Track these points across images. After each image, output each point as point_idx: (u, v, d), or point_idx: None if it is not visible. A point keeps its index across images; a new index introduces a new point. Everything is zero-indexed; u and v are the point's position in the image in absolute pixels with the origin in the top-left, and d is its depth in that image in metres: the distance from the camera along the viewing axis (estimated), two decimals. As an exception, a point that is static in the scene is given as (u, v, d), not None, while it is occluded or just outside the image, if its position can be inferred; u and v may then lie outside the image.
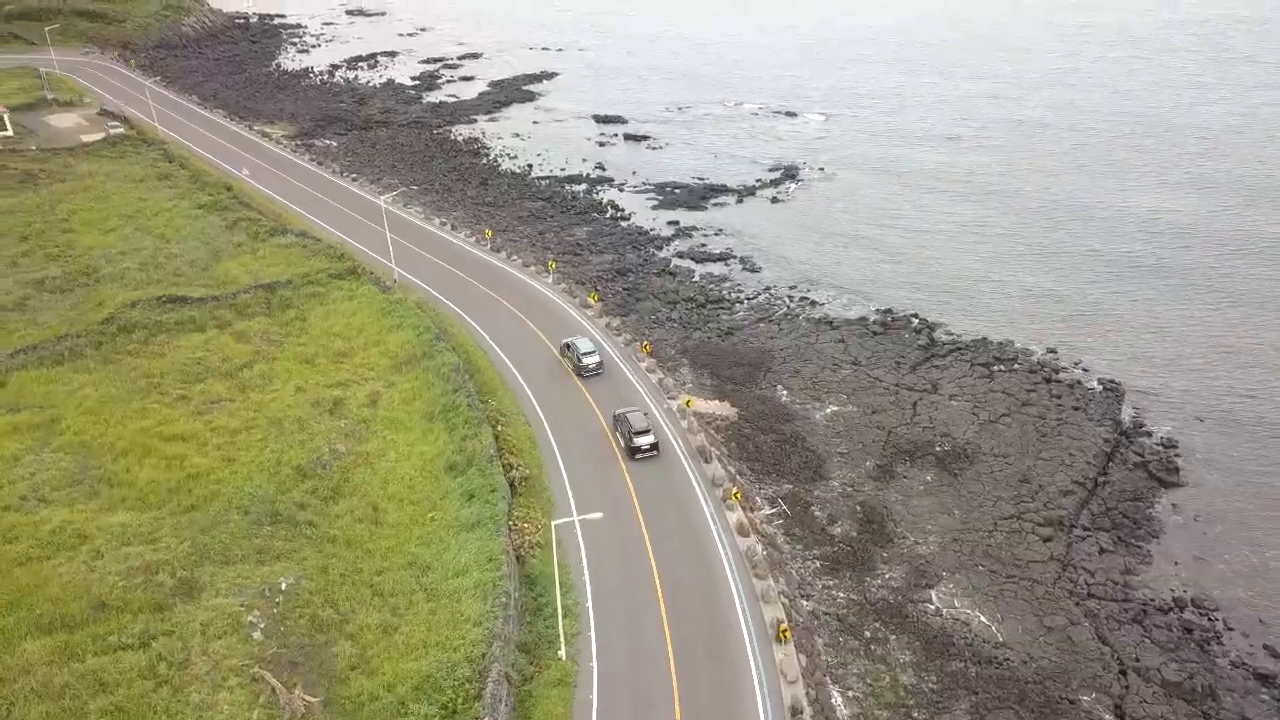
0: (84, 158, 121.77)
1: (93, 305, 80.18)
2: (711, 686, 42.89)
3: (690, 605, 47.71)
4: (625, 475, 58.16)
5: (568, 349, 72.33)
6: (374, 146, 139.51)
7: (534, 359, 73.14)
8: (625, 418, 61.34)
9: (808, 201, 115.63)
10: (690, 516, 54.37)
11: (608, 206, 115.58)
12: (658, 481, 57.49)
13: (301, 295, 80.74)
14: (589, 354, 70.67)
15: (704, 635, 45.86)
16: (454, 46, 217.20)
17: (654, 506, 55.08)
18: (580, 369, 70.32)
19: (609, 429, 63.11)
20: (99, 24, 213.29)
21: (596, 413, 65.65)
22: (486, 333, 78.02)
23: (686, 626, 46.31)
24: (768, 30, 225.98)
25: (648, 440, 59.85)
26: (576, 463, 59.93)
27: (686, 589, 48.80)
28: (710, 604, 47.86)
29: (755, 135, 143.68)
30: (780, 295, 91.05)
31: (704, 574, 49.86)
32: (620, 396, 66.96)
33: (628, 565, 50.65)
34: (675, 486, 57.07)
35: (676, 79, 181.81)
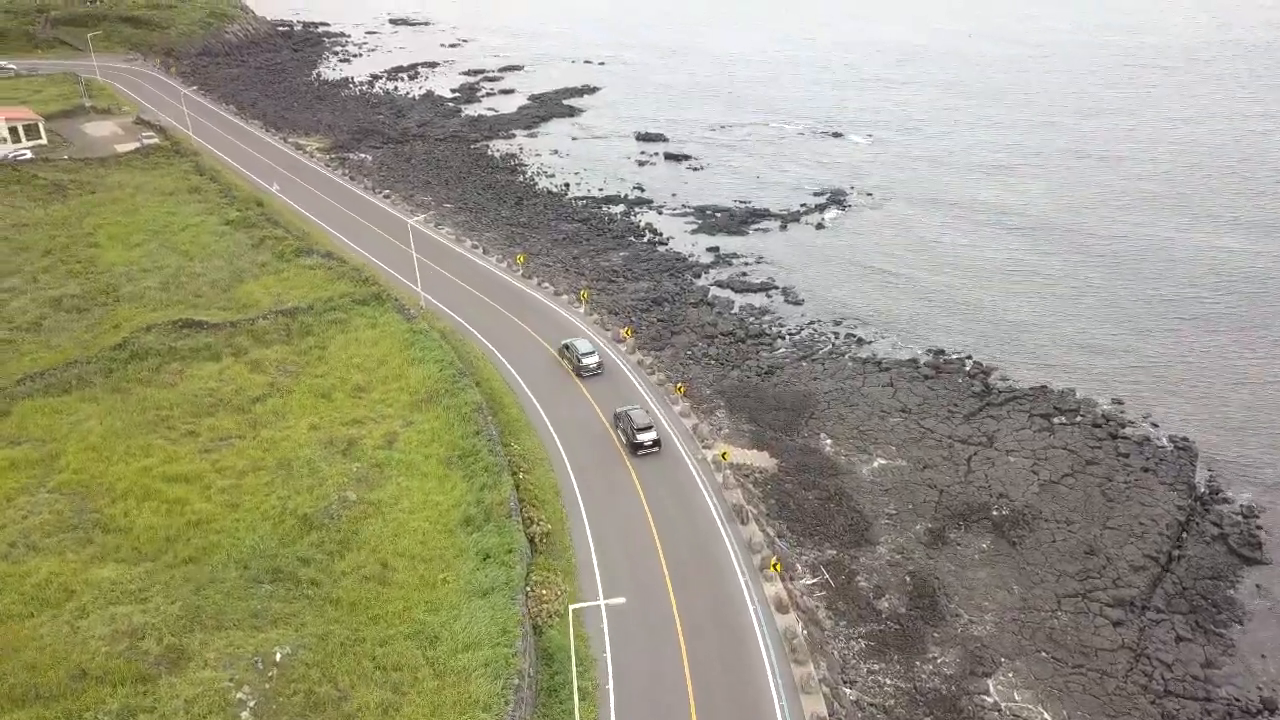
0: (116, 168, 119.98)
1: (109, 327, 77.39)
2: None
3: (722, 695, 43.12)
4: (655, 537, 53.70)
5: (567, 349, 73.34)
6: (409, 161, 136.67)
7: (562, 398, 69.00)
8: (627, 415, 62.43)
9: (854, 230, 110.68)
10: (725, 587, 49.78)
11: (645, 230, 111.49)
12: (690, 546, 52.97)
13: (323, 322, 77.35)
14: (588, 354, 71.79)
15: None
16: (495, 58, 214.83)
17: (685, 575, 50.56)
18: (580, 369, 71.45)
19: (634, 472, 58.84)
20: (143, 30, 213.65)
21: (624, 459, 61.33)
22: (513, 366, 74.05)
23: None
24: (812, 48, 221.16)
25: (650, 436, 61.04)
26: (603, 520, 55.59)
27: (718, 676, 44.18)
28: (745, 695, 43.22)
29: (799, 157, 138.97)
30: (824, 331, 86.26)
31: (738, 658, 45.23)
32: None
33: (655, 644, 46.15)
34: (710, 552, 52.49)
35: (720, 96, 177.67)
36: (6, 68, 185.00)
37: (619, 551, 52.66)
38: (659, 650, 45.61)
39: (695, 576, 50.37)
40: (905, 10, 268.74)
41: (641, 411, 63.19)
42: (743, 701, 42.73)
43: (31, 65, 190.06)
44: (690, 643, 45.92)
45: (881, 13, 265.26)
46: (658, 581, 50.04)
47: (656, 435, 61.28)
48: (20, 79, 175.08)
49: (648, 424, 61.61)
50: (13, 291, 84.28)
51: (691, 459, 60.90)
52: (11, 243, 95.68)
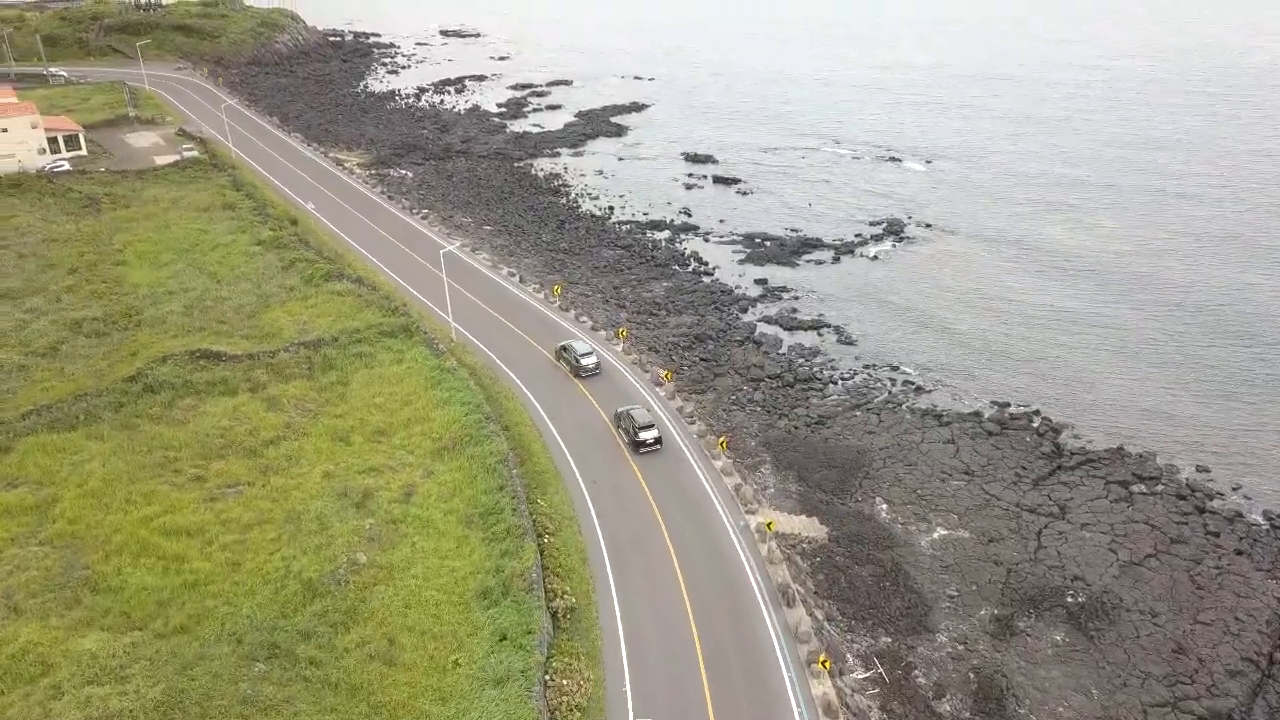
0: (152, 181, 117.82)
1: (126, 354, 74.09)
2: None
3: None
4: (691, 621, 48.43)
5: (565, 351, 74.17)
6: (450, 179, 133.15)
7: (594, 447, 64.04)
8: (629, 414, 63.78)
9: (911, 265, 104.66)
10: (768, 684, 44.35)
11: (691, 259, 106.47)
12: (731, 633, 47.61)
13: (347, 355, 73.31)
14: (586, 355, 73.03)
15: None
16: (543, 72, 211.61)
17: (724, 669, 45.24)
18: (578, 369, 72.50)
19: (670, 541, 53.71)
20: (194, 39, 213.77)
21: (658, 518, 56.24)
22: (544, 408, 69.27)
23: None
24: (869, 68, 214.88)
25: (651, 435, 62.47)
26: (635, 595, 50.45)
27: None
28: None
29: (854, 184, 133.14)
30: (880, 376, 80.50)
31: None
32: (695, 512, 57.39)
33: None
34: (752, 641, 47.09)
35: (772, 116, 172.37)
36: (58, 74, 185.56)
37: (651, 635, 47.48)
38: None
39: (735, 671, 45.00)
40: (967, 31, 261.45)
41: (643, 410, 64.93)
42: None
43: (82, 73, 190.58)
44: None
45: (942, 33, 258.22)
46: (693, 676, 44.76)
47: (658, 434, 62.88)
48: (69, 87, 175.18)
49: (649, 422, 63.10)
50: (34, 313, 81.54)
51: (733, 526, 55.56)
52: (39, 259, 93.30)
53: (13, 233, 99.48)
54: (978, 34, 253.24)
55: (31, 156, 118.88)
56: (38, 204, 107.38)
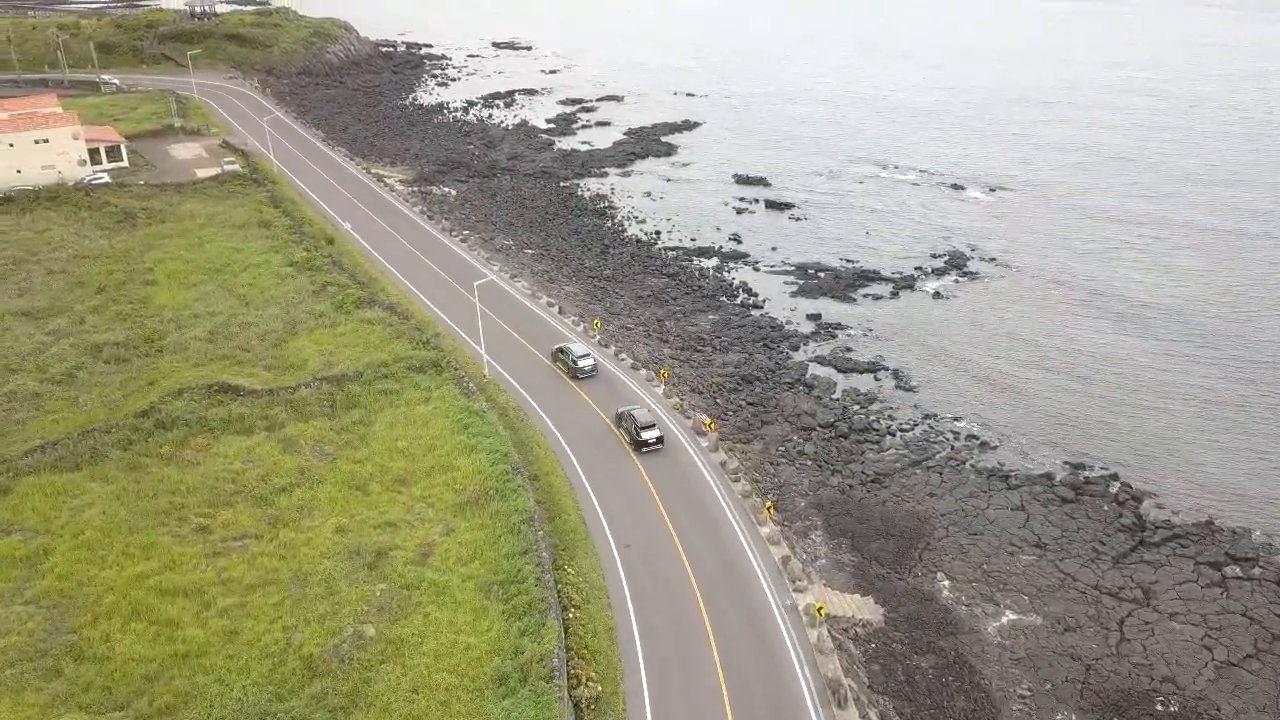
0: (190, 195, 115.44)
1: (144, 383, 70.73)
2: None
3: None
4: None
5: (561, 353, 75.14)
6: (493, 198, 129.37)
7: (629, 502, 59.01)
8: (630, 414, 64.60)
9: (975, 303, 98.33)
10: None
11: (739, 289, 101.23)
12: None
13: (372, 392, 69.15)
14: (583, 357, 73.99)
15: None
16: (595, 87, 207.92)
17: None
18: (576, 371, 73.39)
19: (710, 624, 48.48)
20: (246, 48, 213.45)
21: (696, 592, 51.06)
22: (577, 458, 64.43)
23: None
24: (927, 90, 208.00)
25: (653, 434, 63.40)
26: (670, 688, 45.24)
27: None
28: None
29: (913, 212, 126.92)
30: (942, 429, 74.55)
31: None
32: (737, 588, 52.09)
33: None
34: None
35: (827, 137, 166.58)
36: (110, 82, 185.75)
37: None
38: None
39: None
40: (1026, 54, 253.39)
41: (644, 410, 66.01)
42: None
43: (134, 81, 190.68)
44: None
45: (1000, 56, 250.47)
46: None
47: (660, 433, 63.92)
48: (119, 95, 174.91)
49: (651, 422, 64.16)
50: (56, 335, 78.72)
51: (779, 606, 50.12)
52: (68, 276, 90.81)
53: (45, 248, 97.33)
54: (1038, 57, 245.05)
55: (72, 168, 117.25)
56: (73, 217, 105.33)
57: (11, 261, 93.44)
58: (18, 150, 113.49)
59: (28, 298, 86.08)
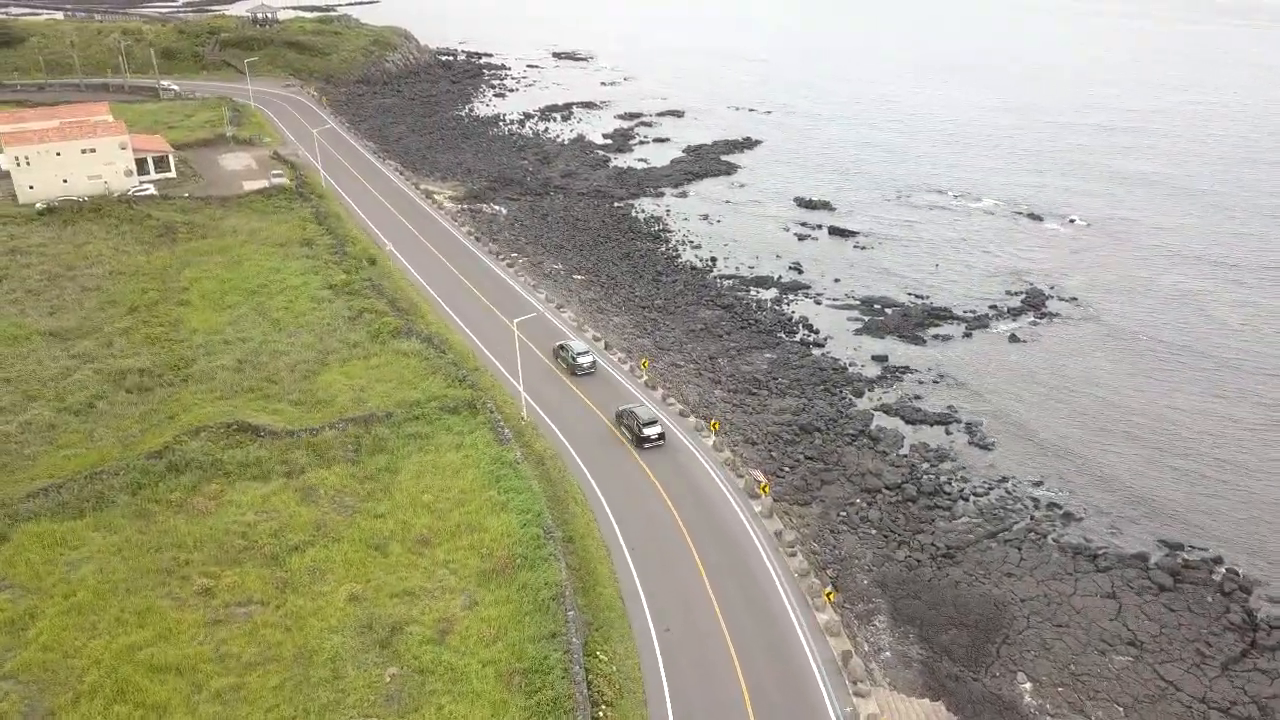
0: (235, 209, 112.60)
1: (163, 417, 66.94)
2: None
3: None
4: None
5: (562, 350, 76.63)
6: (545, 218, 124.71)
7: (670, 572, 53.26)
8: (632, 412, 65.79)
9: (1056, 348, 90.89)
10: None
11: (799, 324, 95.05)
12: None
13: (400, 436, 64.39)
14: (583, 354, 75.61)
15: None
16: (655, 101, 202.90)
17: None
18: (574, 368, 75.08)
19: (750, 707, 42.58)
20: (306, 55, 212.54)
21: (745, 692, 45.15)
22: (615, 516, 58.89)
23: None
24: (1002, 110, 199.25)
25: (655, 430, 64.67)
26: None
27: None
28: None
29: (988, 243, 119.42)
30: (1020, 494, 67.67)
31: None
32: (792, 690, 46.08)
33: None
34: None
35: (894, 159, 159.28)
36: (169, 88, 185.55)
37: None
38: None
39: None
40: (1116, 73, 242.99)
41: (646, 408, 66.99)
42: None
43: (193, 87, 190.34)
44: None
45: (1087, 75, 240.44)
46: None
47: (661, 430, 64.97)
48: (177, 102, 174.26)
49: (653, 419, 65.32)
50: (81, 359, 75.51)
51: (838, 715, 43.98)
52: (101, 294, 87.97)
53: (82, 262, 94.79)
54: (1112, 78, 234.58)
55: (118, 178, 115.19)
56: (114, 231, 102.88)
57: (47, 277, 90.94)
58: (65, 159, 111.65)
59: (58, 316, 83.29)
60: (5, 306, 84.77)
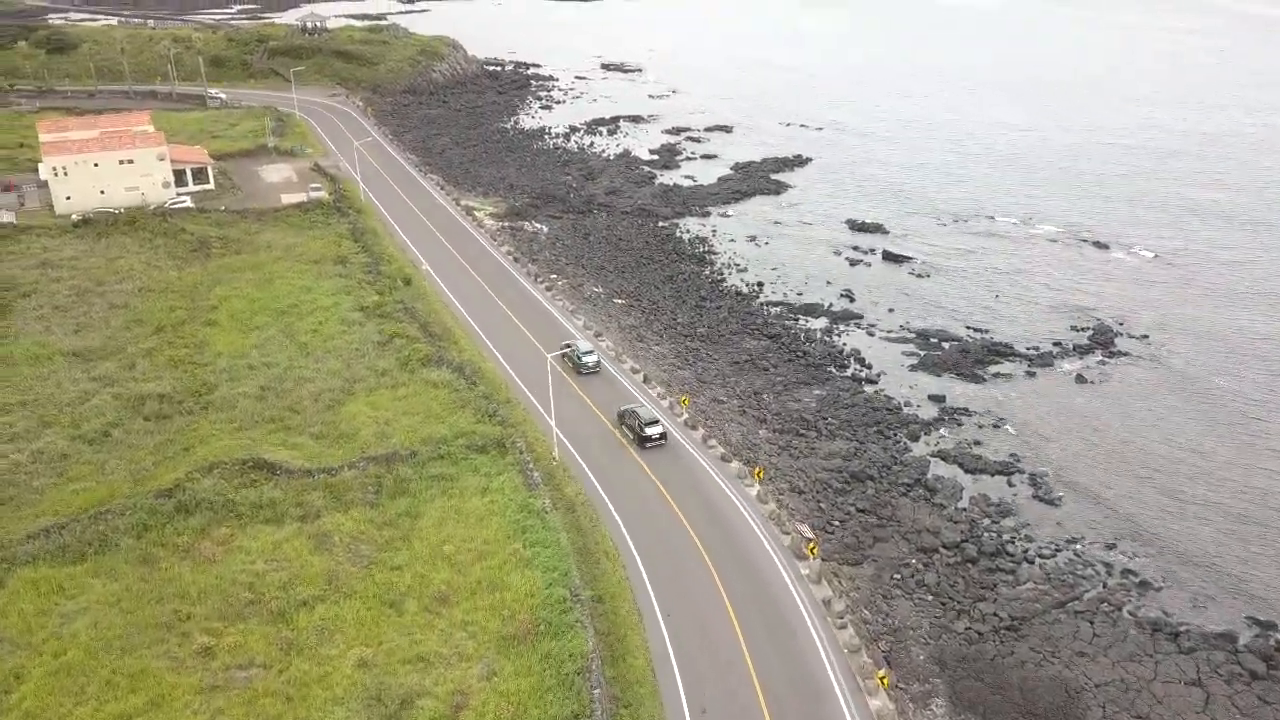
0: (271, 223, 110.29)
1: (179, 449, 63.94)
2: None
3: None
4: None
5: (568, 348, 78.29)
6: (587, 238, 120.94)
7: (712, 646, 48.76)
8: (634, 411, 67.51)
9: (1127, 393, 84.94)
10: None
11: (850, 358, 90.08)
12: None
13: (424, 477, 60.64)
14: (588, 354, 78.11)
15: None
16: (703, 115, 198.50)
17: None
18: (579, 368, 77.53)
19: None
20: (353, 64, 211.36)
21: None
22: (649, 575, 54.50)
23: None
24: (1065, 130, 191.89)
25: (657, 430, 66.31)
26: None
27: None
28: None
29: (1051, 273, 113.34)
30: (1090, 557, 62.20)
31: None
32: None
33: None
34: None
35: (952, 181, 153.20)
36: (216, 96, 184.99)
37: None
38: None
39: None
40: (1181, 93, 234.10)
41: (647, 409, 68.88)
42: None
43: (240, 95, 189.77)
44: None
45: (1153, 97, 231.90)
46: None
47: (663, 429, 66.78)
48: (223, 110, 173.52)
49: (654, 419, 67.29)
50: (101, 382, 72.98)
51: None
52: (129, 312, 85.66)
53: (113, 277, 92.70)
54: (1178, 99, 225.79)
55: (155, 190, 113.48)
56: (147, 245, 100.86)
57: (76, 293, 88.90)
58: (102, 170, 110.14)
59: (83, 334, 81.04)
60: (31, 323, 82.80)
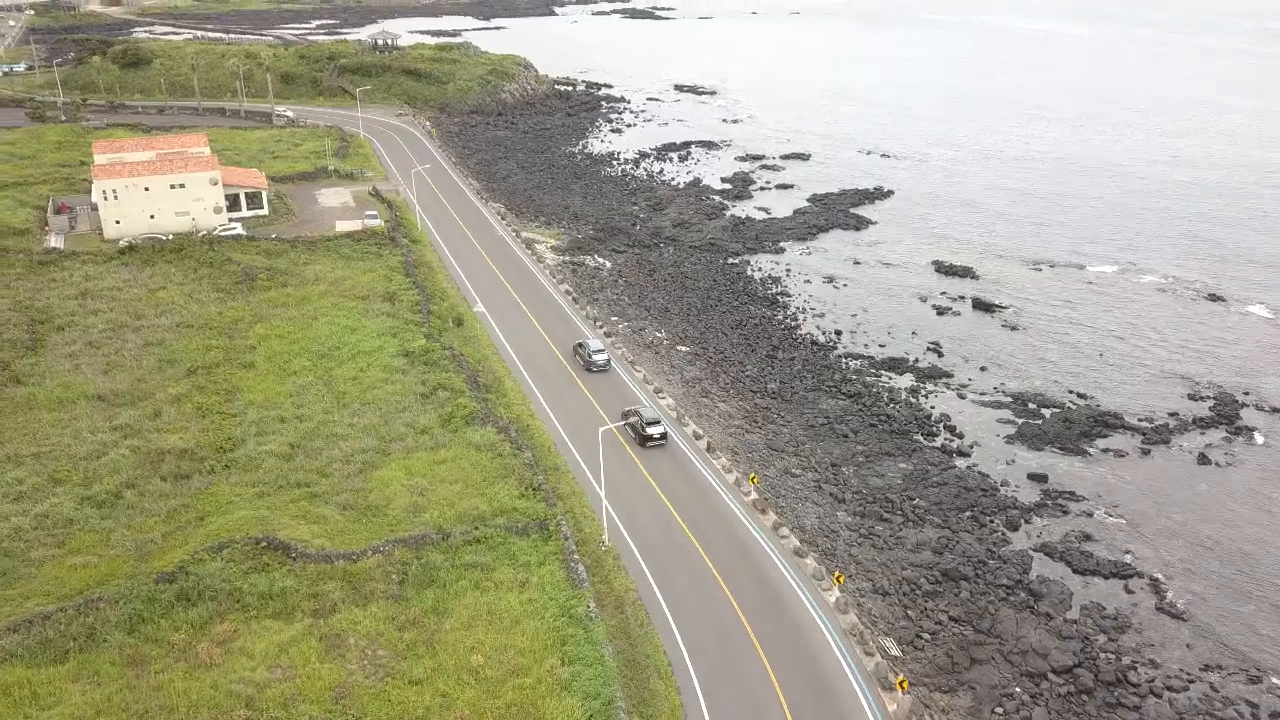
0: (321, 253, 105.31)
1: (192, 518, 58.10)
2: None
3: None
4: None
5: (580, 348, 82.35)
6: (652, 274, 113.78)
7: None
8: (636, 411, 69.42)
9: (1259, 478, 74.44)
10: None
11: (939, 424, 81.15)
12: None
13: (456, 565, 53.69)
14: (598, 352, 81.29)
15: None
16: (778, 142, 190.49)
17: None
18: (589, 364, 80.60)
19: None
20: (422, 83, 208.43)
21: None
22: (706, 699, 46.50)
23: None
24: (1178, 162, 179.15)
25: (658, 430, 67.91)
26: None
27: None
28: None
29: (1165, 330, 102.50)
30: (1232, 694, 52.48)
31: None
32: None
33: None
34: None
35: (1048, 219, 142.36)
36: (283, 114, 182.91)
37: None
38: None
39: None
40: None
41: (650, 409, 71.02)
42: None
43: (307, 113, 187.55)
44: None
45: (1267, 113, 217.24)
46: None
47: (664, 429, 68.74)
48: (288, 129, 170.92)
49: (656, 419, 68.97)
50: (122, 432, 67.88)
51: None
52: (163, 351, 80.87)
53: (152, 310, 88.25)
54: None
55: (206, 215, 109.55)
56: (191, 275, 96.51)
57: (112, 327, 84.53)
58: (153, 194, 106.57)
59: (112, 375, 76.29)
60: (60, 360, 78.45)
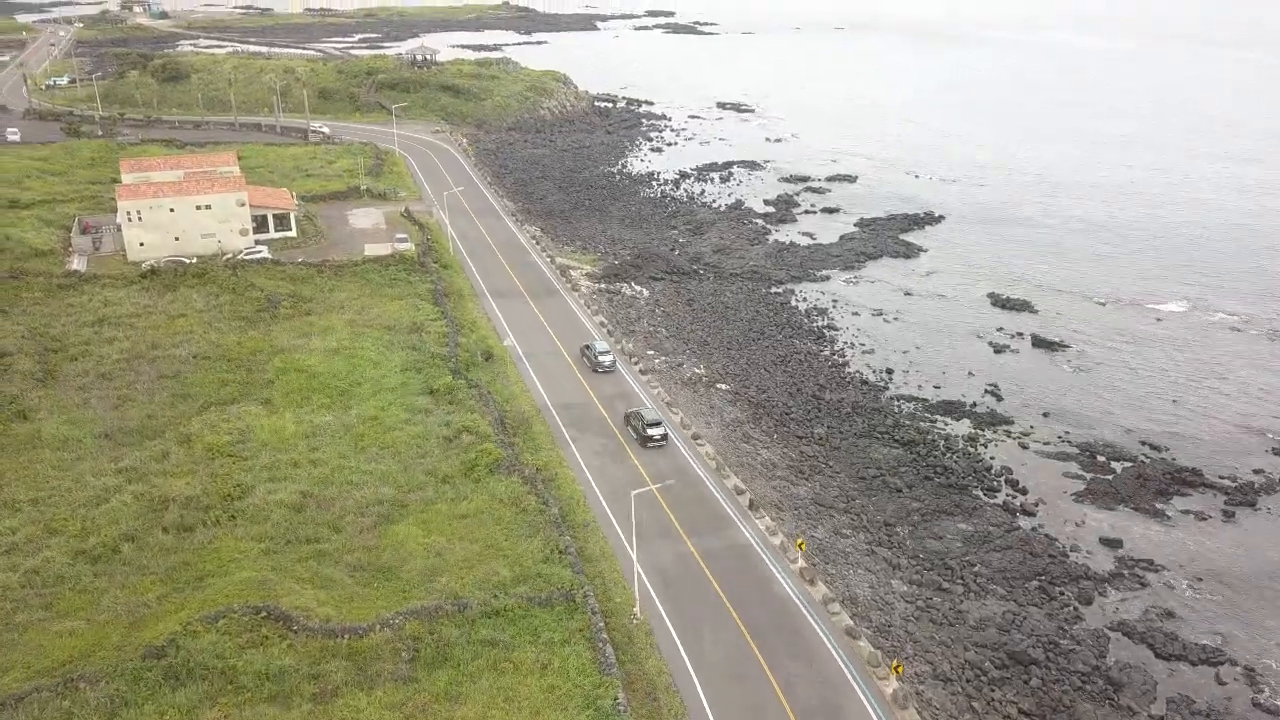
0: (349, 279, 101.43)
1: (191, 578, 53.79)
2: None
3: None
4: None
5: (587, 350, 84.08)
6: (690, 304, 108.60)
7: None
8: (638, 413, 71.31)
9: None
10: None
11: (999, 478, 75.04)
12: None
13: (472, 641, 48.71)
14: (604, 354, 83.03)
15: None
16: (823, 163, 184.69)
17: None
18: (596, 365, 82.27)
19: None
20: (459, 99, 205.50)
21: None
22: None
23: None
24: (1242, 190, 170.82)
25: (659, 431, 69.93)
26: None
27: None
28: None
29: (1240, 374, 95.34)
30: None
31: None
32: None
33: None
34: None
35: (1110, 250, 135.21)
36: (319, 130, 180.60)
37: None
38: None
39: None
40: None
41: (651, 409, 72.53)
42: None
43: (343, 129, 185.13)
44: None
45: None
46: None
47: (665, 430, 70.14)
48: (322, 146, 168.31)
49: (657, 419, 70.52)
50: (126, 476, 63.93)
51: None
52: (177, 384, 77.10)
53: (169, 339, 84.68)
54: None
55: (232, 238, 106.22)
56: (212, 302, 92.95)
57: (126, 357, 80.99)
58: (178, 216, 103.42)
59: (122, 411, 72.59)
60: (71, 394, 74.92)
